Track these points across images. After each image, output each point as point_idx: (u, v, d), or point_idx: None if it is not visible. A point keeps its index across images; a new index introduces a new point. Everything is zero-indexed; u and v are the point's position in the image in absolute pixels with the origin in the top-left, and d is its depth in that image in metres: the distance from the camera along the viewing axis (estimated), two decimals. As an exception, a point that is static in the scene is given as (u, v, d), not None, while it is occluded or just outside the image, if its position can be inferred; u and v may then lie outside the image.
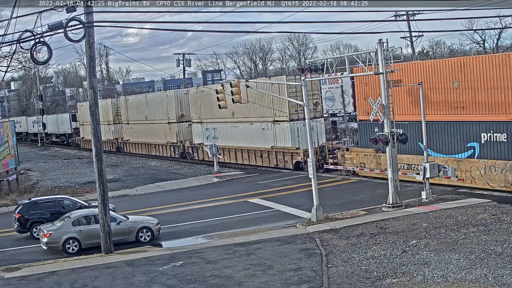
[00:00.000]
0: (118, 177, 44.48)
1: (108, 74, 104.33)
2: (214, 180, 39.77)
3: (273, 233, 22.96)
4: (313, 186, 24.53)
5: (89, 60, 22.06)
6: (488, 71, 26.72)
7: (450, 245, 18.65)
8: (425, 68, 30.13)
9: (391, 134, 25.34)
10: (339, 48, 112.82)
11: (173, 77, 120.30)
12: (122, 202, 32.90)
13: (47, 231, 22.96)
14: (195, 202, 31.86)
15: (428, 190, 26.02)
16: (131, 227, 23.66)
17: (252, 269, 18.15)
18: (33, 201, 27.20)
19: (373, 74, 26.36)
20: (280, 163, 40.46)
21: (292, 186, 33.93)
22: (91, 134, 22.40)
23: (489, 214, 22.16)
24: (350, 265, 17.67)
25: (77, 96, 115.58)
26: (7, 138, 41.08)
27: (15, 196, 36.32)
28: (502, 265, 16.25)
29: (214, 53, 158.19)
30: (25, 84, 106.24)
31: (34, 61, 21.61)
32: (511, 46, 74.40)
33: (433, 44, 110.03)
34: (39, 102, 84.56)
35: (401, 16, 56.49)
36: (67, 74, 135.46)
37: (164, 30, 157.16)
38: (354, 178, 34.13)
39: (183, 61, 71.74)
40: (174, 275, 18.20)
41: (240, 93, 28.05)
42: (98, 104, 22.80)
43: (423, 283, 15.50)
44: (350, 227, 22.55)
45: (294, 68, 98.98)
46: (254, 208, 28.74)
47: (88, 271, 19.50)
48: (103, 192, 22.01)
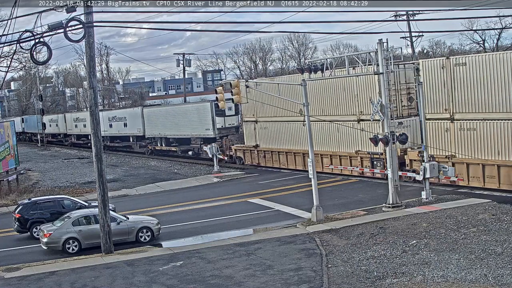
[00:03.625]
0: (118, 177, 44.46)
1: (108, 74, 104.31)
2: (214, 180, 39.76)
3: (273, 233, 22.97)
4: (313, 186, 24.53)
5: (89, 60, 22.07)
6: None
7: (450, 245, 18.65)
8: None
9: (391, 134, 25.36)
10: (339, 48, 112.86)
11: (173, 77, 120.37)
12: (122, 202, 32.89)
13: (47, 231, 22.96)
14: (195, 202, 31.86)
15: (428, 190, 26.03)
16: (131, 227, 23.66)
17: (252, 269, 18.15)
18: (33, 201, 27.19)
19: (373, 74, 26.40)
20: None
21: (292, 186, 33.93)
22: (91, 134, 22.40)
23: (489, 214, 22.17)
24: (350, 265, 17.67)
25: (77, 96, 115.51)
26: (7, 138, 41.10)
27: (15, 196, 36.29)
28: (502, 265, 16.26)
29: (214, 53, 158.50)
30: (25, 84, 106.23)
31: (34, 61, 21.62)
32: (511, 46, 74.37)
33: (433, 44, 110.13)
34: (39, 102, 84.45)
35: (401, 16, 56.51)
36: (67, 74, 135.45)
37: (164, 30, 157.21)
38: (355, 178, 34.13)
39: (183, 61, 71.70)
40: (174, 275, 18.20)
41: (240, 93, 28.01)
42: (98, 104, 22.80)
43: (423, 283, 15.50)
44: (350, 227, 22.55)
45: (294, 68, 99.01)
46: (254, 208, 28.75)
47: (88, 271, 19.51)
48: (103, 192, 22.02)
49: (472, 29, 68.26)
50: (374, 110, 26.09)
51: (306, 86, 25.64)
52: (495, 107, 26.50)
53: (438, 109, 29.14)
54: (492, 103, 26.61)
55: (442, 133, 29.02)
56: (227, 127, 49.17)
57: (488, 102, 26.76)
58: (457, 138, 28.39)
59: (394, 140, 25.44)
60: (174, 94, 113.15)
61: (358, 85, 33.34)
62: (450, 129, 28.63)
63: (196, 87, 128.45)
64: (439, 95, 28.98)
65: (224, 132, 48.85)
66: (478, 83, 27.11)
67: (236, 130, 50.19)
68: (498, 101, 26.35)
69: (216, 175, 41.26)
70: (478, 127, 27.37)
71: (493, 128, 26.70)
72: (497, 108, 26.43)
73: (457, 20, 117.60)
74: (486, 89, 26.76)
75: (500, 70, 26.10)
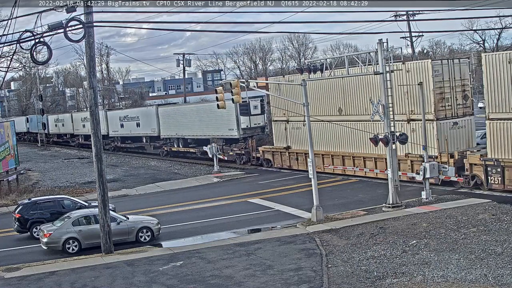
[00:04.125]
0: (118, 177, 44.46)
1: (108, 74, 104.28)
2: (214, 180, 39.76)
3: (273, 233, 22.98)
4: (313, 186, 24.54)
5: (89, 60, 22.07)
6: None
7: (450, 245, 18.65)
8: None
9: (391, 134, 25.36)
10: (339, 48, 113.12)
11: (173, 77, 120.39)
12: (122, 202, 32.88)
13: (47, 231, 22.96)
14: (195, 202, 31.86)
15: (428, 190, 26.03)
16: (131, 227, 23.66)
17: (252, 269, 18.15)
18: (33, 201, 27.18)
19: (373, 74, 26.38)
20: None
21: (292, 186, 33.93)
22: (91, 134, 22.39)
23: (489, 214, 22.17)
24: (350, 265, 17.67)
25: (77, 96, 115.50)
26: (7, 138, 41.11)
27: (15, 196, 36.28)
28: (502, 265, 16.26)
29: (214, 53, 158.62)
30: (25, 84, 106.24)
31: (34, 61, 21.60)
32: (511, 46, 74.43)
33: (433, 44, 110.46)
34: (39, 102, 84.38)
35: (401, 16, 56.54)
36: (67, 74, 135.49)
37: (164, 30, 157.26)
38: (354, 178, 34.12)
39: (183, 61, 71.65)
40: (174, 275, 18.20)
41: (240, 93, 27.94)
42: (98, 104, 22.79)
43: (423, 283, 15.50)
44: (350, 227, 22.55)
45: (294, 68, 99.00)
46: (254, 208, 28.75)
47: (88, 271, 19.51)
48: (103, 192, 22.02)
49: (472, 29, 68.41)
50: (374, 110, 26.09)
51: (306, 86, 25.69)
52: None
53: (505, 108, 26.16)
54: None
55: (509, 134, 26.08)
56: (252, 127, 45.22)
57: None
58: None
59: (394, 140, 25.43)
60: (174, 94, 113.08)
61: (408, 81, 29.84)
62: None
63: (196, 87, 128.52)
64: (505, 92, 26.05)
65: (249, 133, 45.17)
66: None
67: (262, 131, 46.25)
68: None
69: (216, 175, 41.25)
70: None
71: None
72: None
73: (457, 20, 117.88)
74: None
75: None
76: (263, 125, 45.95)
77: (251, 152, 44.44)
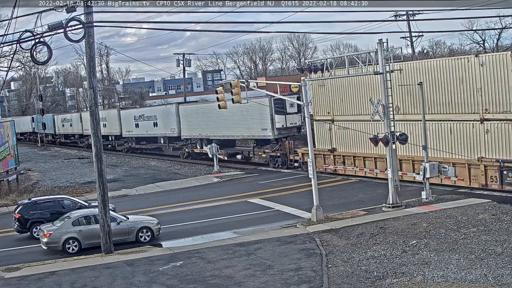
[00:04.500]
0: (118, 177, 44.47)
1: (108, 74, 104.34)
2: (214, 180, 39.76)
3: (273, 233, 22.97)
4: (313, 186, 24.53)
5: (89, 60, 22.07)
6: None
7: (450, 245, 18.65)
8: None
9: (391, 134, 25.35)
10: (339, 48, 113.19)
11: (173, 77, 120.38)
12: (122, 202, 32.89)
13: (47, 231, 22.96)
14: (195, 202, 31.86)
15: (428, 190, 26.02)
16: (131, 227, 23.66)
17: (252, 269, 18.15)
18: (33, 201, 27.19)
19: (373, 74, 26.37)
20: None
21: (292, 186, 33.93)
22: (91, 134, 22.39)
23: (489, 214, 22.17)
24: (350, 265, 17.67)
25: (77, 96, 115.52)
26: (7, 138, 41.13)
27: (15, 196, 36.30)
28: (502, 265, 16.25)
29: (214, 53, 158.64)
30: (25, 84, 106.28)
31: (34, 61, 21.62)
32: (511, 46, 74.37)
33: (433, 44, 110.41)
34: (39, 102, 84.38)
35: (401, 16, 56.53)
36: (67, 74, 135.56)
37: (164, 30, 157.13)
38: (354, 178, 34.11)
39: (183, 61, 71.65)
40: (174, 275, 18.20)
41: (240, 93, 27.95)
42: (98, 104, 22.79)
43: (423, 283, 15.50)
44: (350, 227, 22.55)
45: (294, 68, 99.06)
46: (254, 208, 28.75)
47: (88, 271, 19.50)
48: (103, 192, 22.02)
49: (472, 29, 68.33)
50: (374, 110, 26.10)
51: (307, 86, 25.65)
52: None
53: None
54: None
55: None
56: (288, 127, 41.32)
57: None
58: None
59: (394, 140, 25.43)
60: (174, 94, 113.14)
61: (481, 77, 26.45)
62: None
63: (196, 87, 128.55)
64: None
65: (284, 133, 41.46)
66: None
67: (298, 131, 42.51)
68: None
69: (216, 175, 41.24)
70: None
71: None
72: None
73: (457, 20, 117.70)
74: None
75: None
76: (299, 125, 42.10)
77: (288, 155, 40.66)
